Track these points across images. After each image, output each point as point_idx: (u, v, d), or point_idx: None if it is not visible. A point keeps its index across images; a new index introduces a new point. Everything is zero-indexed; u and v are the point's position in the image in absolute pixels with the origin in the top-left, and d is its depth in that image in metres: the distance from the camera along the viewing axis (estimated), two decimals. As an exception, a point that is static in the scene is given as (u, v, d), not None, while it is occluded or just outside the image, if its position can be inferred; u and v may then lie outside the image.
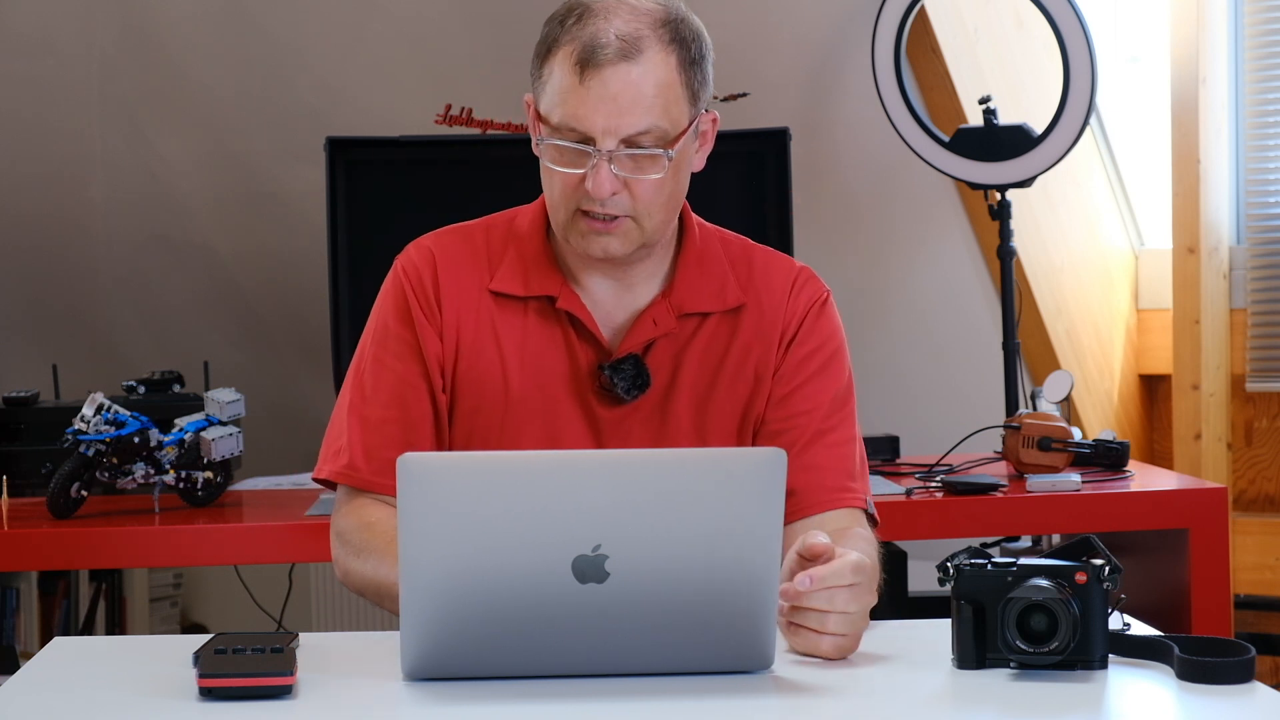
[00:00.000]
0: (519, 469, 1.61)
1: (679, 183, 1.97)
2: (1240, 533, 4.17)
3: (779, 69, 4.06)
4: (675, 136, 1.92)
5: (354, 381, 2.04)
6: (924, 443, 3.61)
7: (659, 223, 1.96)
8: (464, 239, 2.05)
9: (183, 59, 4.10)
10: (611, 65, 1.87)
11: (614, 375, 1.98)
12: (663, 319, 2.01)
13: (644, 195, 1.92)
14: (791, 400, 2.03)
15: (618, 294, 2.02)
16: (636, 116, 1.88)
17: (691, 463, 1.65)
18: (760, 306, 2.04)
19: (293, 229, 4.20)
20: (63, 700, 1.62)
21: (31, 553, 2.98)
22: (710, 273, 2.04)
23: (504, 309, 2.01)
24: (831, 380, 2.05)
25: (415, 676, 1.63)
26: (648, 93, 1.89)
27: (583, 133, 1.89)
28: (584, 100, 1.88)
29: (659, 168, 1.91)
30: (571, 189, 1.92)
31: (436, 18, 4.01)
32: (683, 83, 1.92)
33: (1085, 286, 4.38)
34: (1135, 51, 4.48)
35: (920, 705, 1.59)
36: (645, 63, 1.89)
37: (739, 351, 2.03)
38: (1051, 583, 1.64)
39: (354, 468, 2.00)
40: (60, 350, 4.19)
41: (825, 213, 4.16)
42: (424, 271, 2.02)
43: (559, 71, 1.90)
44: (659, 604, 1.60)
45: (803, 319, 2.05)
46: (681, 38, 1.92)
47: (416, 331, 2.00)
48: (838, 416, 2.05)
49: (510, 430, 2.00)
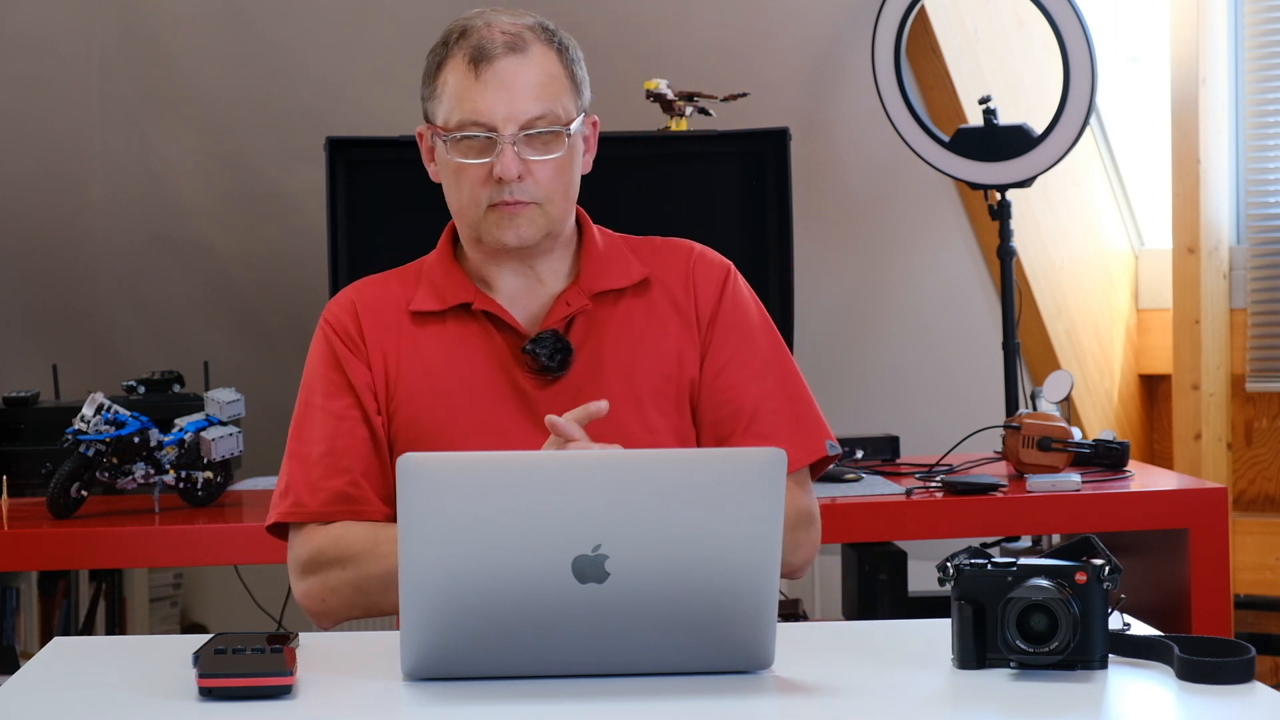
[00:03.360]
0: (519, 469, 1.61)
1: (574, 171, 2.09)
2: (1240, 533, 4.17)
3: (779, 69, 4.06)
4: (568, 121, 2.06)
5: (294, 429, 2.13)
6: (924, 443, 3.61)
7: (561, 210, 2.08)
8: (379, 281, 2.19)
9: (183, 59, 4.10)
10: (502, 58, 2.03)
11: (536, 347, 2.07)
12: (575, 299, 2.11)
13: (546, 178, 2.04)
14: (724, 375, 2.11)
15: (529, 288, 2.13)
16: (531, 101, 2.03)
17: (691, 463, 1.65)
18: (664, 280, 2.15)
19: (293, 229, 4.20)
20: (63, 700, 1.62)
21: (31, 553, 2.98)
22: (613, 258, 2.16)
23: (425, 326, 2.12)
24: (755, 348, 2.13)
25: (415, 676, 1.63)
26: (538, 80, 2.04)
27: (484, 123, 2.03)
28: (482, 93, 2.03)
29: (560, 146, 2.05)
30: (479, 183, 2.05)
31: (436, 18, 3.97)
32: (566, 75, 2.07)
33: (1085, 286, 4.38)
34: (1135, 51, 4.48)
35: (920, 705, 1.59)
36: (531, 55, 2.04)
37: (657, 323, 2.13)
38: (1051, 583, 1.64)
39: (300, 504, 2.07)
40: (60, 350, 4.20)
41: (825, 213, 4.16)
42: (345, 317, 2.14)
43: (453, 77, 2.05)
44: (659, 604, 1.60)
45: (717, 299, 2.13)
46: (559, 40, 2.08)
47: (344, 369, 2.11)
48: (770, 382, 2.11)
49: (450, 427, 2.07)
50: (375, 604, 2.03)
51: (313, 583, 2.05)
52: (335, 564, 2.03)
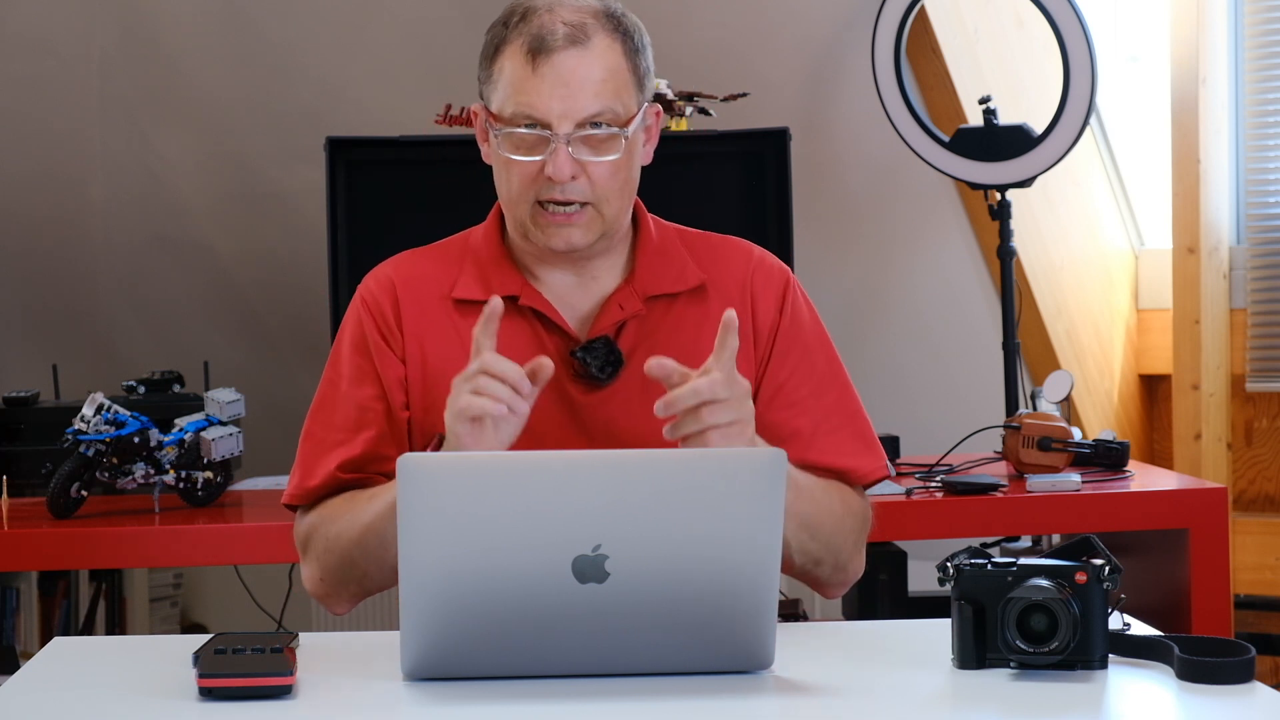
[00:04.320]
0: (519, 469, 1.61)
1: (632, 169, 2.00)
2: (1240, 533, 4.17)
3: (779, 69, 4.06)
4: (627, 119, 1.96)
5: (314, 409, 2.07)
6: (924, 443, 3.61)
7: (617, 210, 1.99)
8: (421, 259, 2.08)
9: (183, 59, 4.10)
10: (562, 50, 1.92)
11: (586, 356, 2.00)
12: (628, 303, 2.03)
13: (602, 179, 1.95)
14: (781, 395, 2.04)
15: (580, 286, 2.04)
16: (589, 99, 1.93)
17: (691, 463, 1.65)
18: (721, 286, 2.06)
19: (293, 229, 4.20)
20: (63, 700, 1.62)
21: (31, 553, 2.98)
22: (670, 258, 2.06)
23: (468, 316, 2.00)
24: (815, 365, 2.07)
25: (415, 676, 1.63)
26: (598, 76, 1.93)
27: (539, 119, 1.93)
28: (538, 87, 1.92)
29: (616, 148, 1.95)
30: (530, 180, 1.96)
31: (436, 18, 4.01)
32: (629, 69, 1.97)
33: (1085, 286, 4.38)
34: (1135, 51, 4.48)
35: (920, 705, 1.59)
36: (594, 48, 1.94)
37: (710, 334, 2.01)
38: (1051, 583, 1.64)
39: (304, 489, 2.03)
40: (60, 350, 4.19)
41: (825, 213, 4.16)
42: (383, 298, 2.05)
43: (510, 65, 1.94)
44: (659, 604, 1.60)
45: (777, 313, 2.06)
46: (624, 28, 1.98)
47: (374, 359, 2.02)
48: (829, 400, 2.06)
49: None
50: (361, 569, 1.95)
51: (308, 563, 2.02)
52: (318, 534, 1.99)
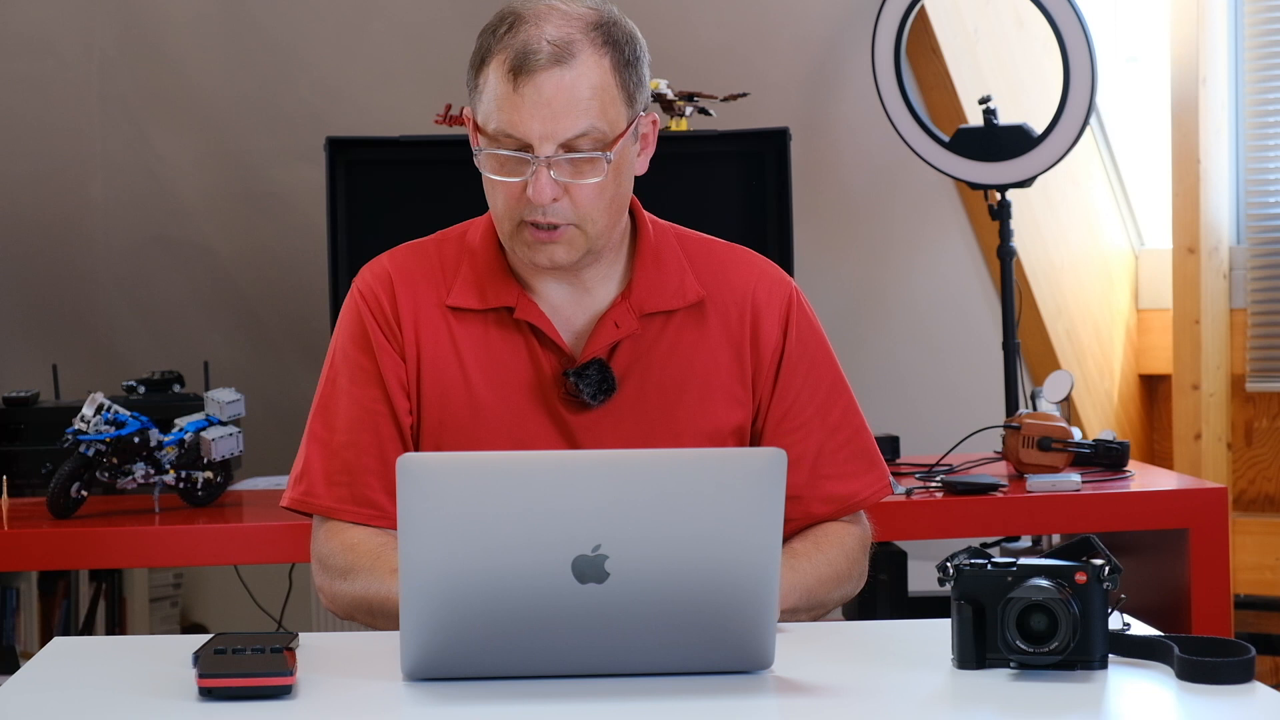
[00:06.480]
0: (519, 469, 1.61)
1: (620, 185, 1.96)
2: (1240, 533, 4.17)
3: (779, 69, 4.06)
4: (613, 139, 1.93)
5: (317, 408, 2.04)
6: (924, 443, 3.61)
7: (603, 228, 1.96)
8: (419, 255, 2.05)
9: (183, 59, 4.10)
10: (544, 70, 1.88)
11: (579, 381, 1.98)
12: (624, 321, 2.00)
13: (584, 201, 1.92)
14: (788, 420, 2.04)
15: (575, 298, 2.02)
16: (572, 120, 1.89)
17: (691, 463, 1.64)
18: (721, 304, 2.04)
19: (293, 229, 4.20)
20: (63, 700, 1.62)
21: (31, 553, 2.98)
22: (668, 270, 2.03)
23: (463, 322, 2.00)
24: (820, 381, 2.06)
25: (415, 676, 1.63)
26: (582, 96, 1.89)
27: (520, 140, 1.90)
28: (519, 107, 1.89)
29: (598, 171, 1.92)
30: (514, 199, 1.93)
31: (436, 18, 4.01)
32: (618, 84, 1.92)
33: (1085, 286, 4.38)
34: (1135, 51, 4.48)
35: (920, 705, 1.59)
36: (578, 66, 1.89)
37: (707, 353, 2.02)
38: (1051, 583, 1.64)
39: (312, 494, 2.01)
40: (60, 350, 4.19)
41: (825, 213, 4.16)
42: (381, 293, 2.02)
43: (493, 80, 1.91)
44: (659, 604, 1.60)
45: (781, 336, 2.04)
46: (614, 40, 1.93)
47: (376, 357, 2.00)
48: (834, 416, 2.06)
49: (478, 444, 1.99)
50: (375, 623, 1.95)
51: (320, 580, 2.02)
52: (340, 574, 1.98)
